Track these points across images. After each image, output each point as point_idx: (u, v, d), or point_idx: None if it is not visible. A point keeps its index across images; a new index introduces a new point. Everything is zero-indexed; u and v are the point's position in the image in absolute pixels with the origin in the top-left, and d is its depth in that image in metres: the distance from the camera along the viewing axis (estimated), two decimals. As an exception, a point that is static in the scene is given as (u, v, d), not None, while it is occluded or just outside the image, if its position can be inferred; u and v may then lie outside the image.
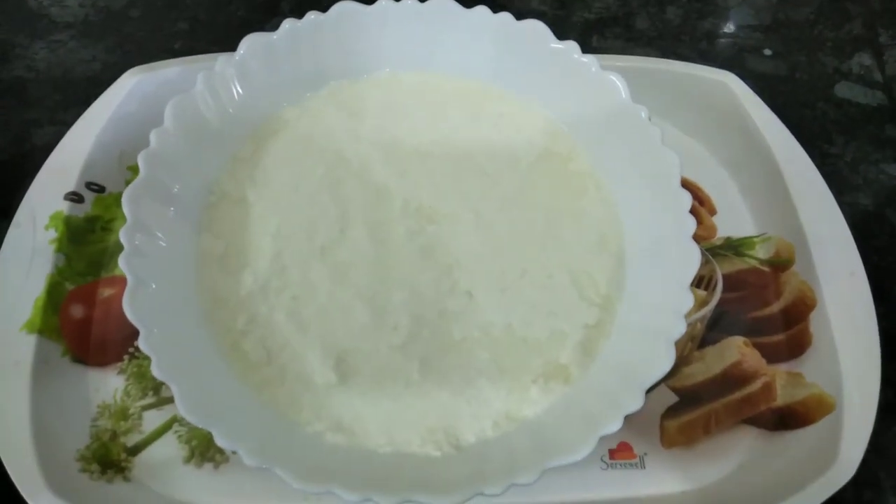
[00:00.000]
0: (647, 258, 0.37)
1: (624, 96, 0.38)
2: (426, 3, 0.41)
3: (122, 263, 0.33)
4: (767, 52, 0.56)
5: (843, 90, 0.55)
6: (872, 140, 0.52)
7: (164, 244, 0.35)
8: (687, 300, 0.32)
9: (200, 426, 0.30)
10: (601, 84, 0.39)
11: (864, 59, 0.56)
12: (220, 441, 0.29)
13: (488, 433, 0.34)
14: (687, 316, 0.41)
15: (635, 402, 0.31)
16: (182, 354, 0.32)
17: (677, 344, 0.40)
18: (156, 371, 0.30)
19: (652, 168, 0.37)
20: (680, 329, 0.32)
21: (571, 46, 0.40)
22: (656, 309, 0.34)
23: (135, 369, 0.39)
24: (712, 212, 0.46)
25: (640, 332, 0.35)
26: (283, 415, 0.34)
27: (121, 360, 0.40)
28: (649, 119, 0.37)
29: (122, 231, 0.34)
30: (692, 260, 0.33)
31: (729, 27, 0.58)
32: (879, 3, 0.59)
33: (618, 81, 0.38)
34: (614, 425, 0.30)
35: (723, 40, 0.57)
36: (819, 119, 0.53)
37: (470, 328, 0.37)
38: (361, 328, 0.37)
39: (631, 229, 0.39)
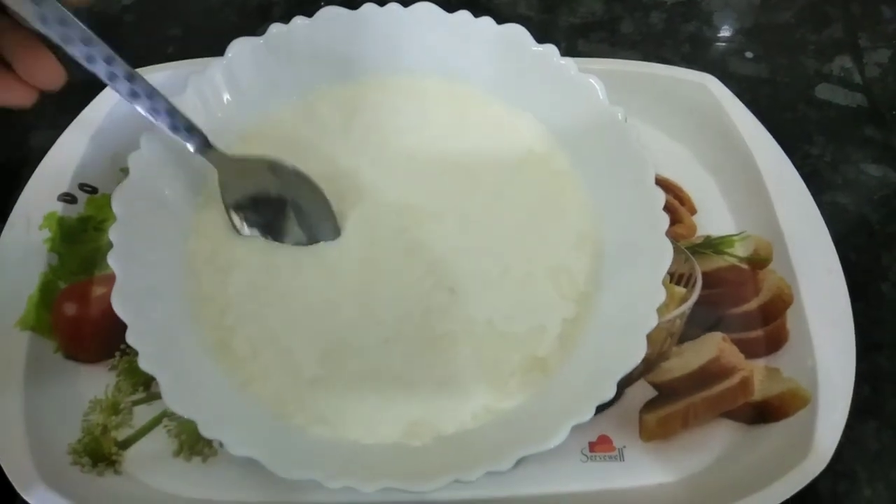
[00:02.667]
0: (623, 254, 0.38)
1: (601, 98, 0.39)
2: (409, 7, 0.42)
3: (111, 260, 0.34)
4: (749, 54, 0.57)
5: (824, 92, 0.56)
6: (852, 141, 0.53)
7: (152, 243, 0.36)
8: (659, 294, 0.33)
9: (185, 416, 0.31)
10: (580, 86, 0.40)
11: (845, 61, 0.57)
12: (204, 431, 0.30)
13: (468, 424, 0.35)
14: (667, 312, 0.42)
15: (607, 393, 0.32)
16: (169, 348, 0.33)
17: (657, 339, 0.41)
18: (142, 363, 0.31)
19: (628, 167, 0.38)
20: (652, 322, 0.33)
21: (551, 50, 0.41)
22: (631, 303, 0.35)
23: (126, 365, 0.40)
24: (692, 211, 0.47)
25: (615, 325, 0.36)
26: (268, 407, 0.35)
27: (112, 356, 0.40)
28: (626, 120, 0.38)
29: (112, 229, 0.35)
30: (665, 256, 0.34)
31: (711, 31, 0.59)
32: (859, 7, 0.61)
33: (595, 84, 0.39)
34: (586, 415, 0.31)
35: (705, 43, 0.58)
36: (800, 120, 0.54)
37: (452, 324, 0.38)
38: (347, 324, 0.38)
39: (608, 226, 0.40)
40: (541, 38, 0.42)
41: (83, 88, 0.52)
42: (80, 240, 0.43)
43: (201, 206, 0.40)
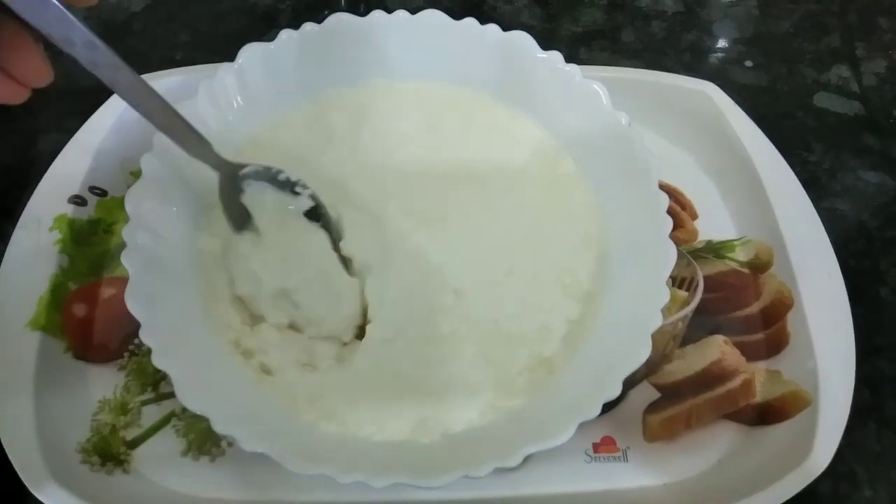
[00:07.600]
0: (627, 256, 0.39)
1: (605, 103, 0.40)
2: (417, 14, 0.43)
3: (125, 259, 0.34)
4: (749, 63, 0.58)
5: (822, 100, 0.56)
6: (850, 148, 0.54)
7: (164, 242, 0.37)
8: (664, 294, 0.34)
9: (199, 412, 0.31)
10: (584, 92, 0.41)
11: (842, 70, 0.58)
12: (217, 427, 0.31)
13: (476, 422, 0.35)
14: (669, 315, 0.43)
15: (614, 391, 0.32)
16: (182, 345, 0.34)
17: (660, 342, 0.42)
18: (156, 360, 0.32)
19: (632, 171, 0.39)
20: (657, 321, 0.33)
21: (555, 56, 0.41)
22: (635, 303, 0.36)
23: (135, 366, 0.41)
24: (694, 216, 0.47)
25: (620, 324, 0.36)
26: (279, 404, 0.35)
27: (121, 357, 0.41)
28: (629, 125, 0.39)
29: (125, 229, 0.35)
30: (669, 257, 0.35)
31: (712, 40, 0.60)
32: (856, 17, 0.62)
33: (599, 89, 0.40)
34: (593, 412, 0.32)
35: (706, 52, 0.59)
36: (799, 128, 0.55)
37: (457, 323, 0.38)
38: (355, 322, 0.38)
39: (612, 228, 0.40)
40: (543, 46, 0.42)
41: (92, 93, 0.53)
42: (90, 242, 0.44)
43: (212, 205, 0.40)
